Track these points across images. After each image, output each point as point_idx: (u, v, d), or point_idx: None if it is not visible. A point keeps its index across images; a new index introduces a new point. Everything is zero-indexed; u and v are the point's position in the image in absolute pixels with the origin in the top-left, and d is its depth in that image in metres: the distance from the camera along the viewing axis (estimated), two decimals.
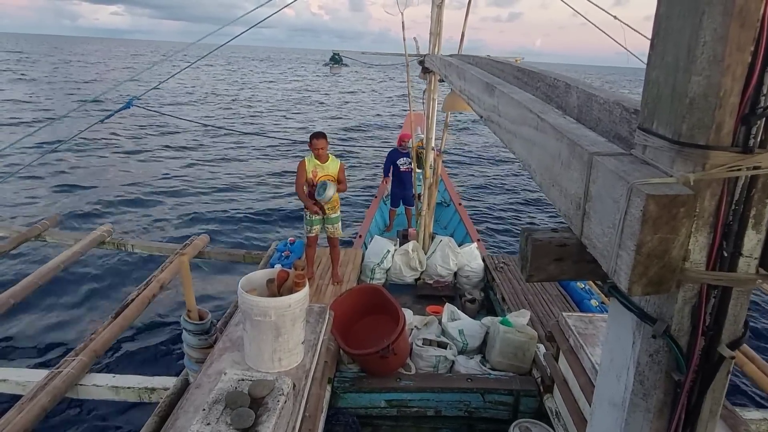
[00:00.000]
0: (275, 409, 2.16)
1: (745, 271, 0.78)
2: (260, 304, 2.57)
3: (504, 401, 3.49)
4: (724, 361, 0.83)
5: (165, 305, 5.95)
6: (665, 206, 0.68)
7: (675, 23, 0.76)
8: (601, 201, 0.84)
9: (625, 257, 0.73)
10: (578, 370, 2.86)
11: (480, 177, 14.43)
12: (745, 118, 0.72)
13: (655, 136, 0.81)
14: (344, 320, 3.76)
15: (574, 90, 1.34)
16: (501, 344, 3.70)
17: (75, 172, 12.67)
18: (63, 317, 5.92)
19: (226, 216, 10.15)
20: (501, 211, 11.34)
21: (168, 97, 27.89)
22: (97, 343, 3.65)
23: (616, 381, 0.95)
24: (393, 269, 5.46)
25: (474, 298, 5.14)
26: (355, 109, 28.05)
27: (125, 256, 7.15)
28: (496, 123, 1.69)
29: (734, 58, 0.69)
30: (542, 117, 1.17)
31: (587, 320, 3.15)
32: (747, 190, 0.75)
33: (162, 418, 2.76)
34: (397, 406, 3.52)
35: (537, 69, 1.79)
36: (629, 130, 1.00)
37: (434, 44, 5.15)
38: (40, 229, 5.73)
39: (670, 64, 0.77)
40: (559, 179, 1.05)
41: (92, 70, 45.34)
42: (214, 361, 2.77)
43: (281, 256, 5.34)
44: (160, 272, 4.83)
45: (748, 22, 0.67)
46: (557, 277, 0.99)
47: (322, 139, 4.78)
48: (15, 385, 3.41)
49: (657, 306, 0.83)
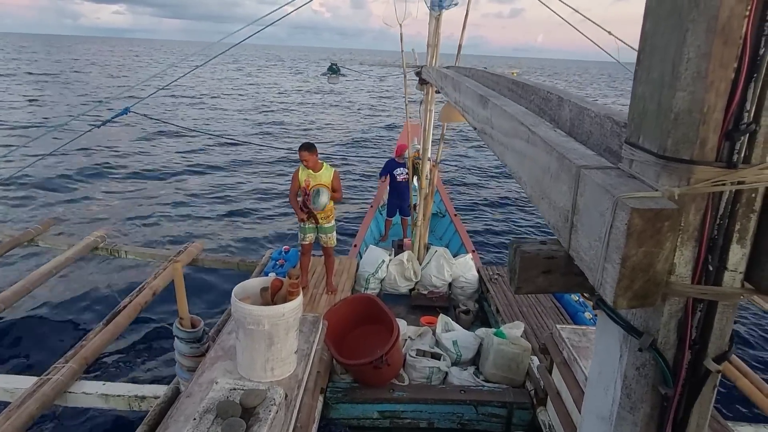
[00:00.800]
0: (267, 419, 2.14)
1: (731, 285, 0.79)
2: (254, 313, 2.56)
3: (497, 414, 3.48)
4: (710, 375, 0.83)
5: (157, 312, 5.90)
6: (650, 220, 0.68)
7: (660, 40, 0.77)
8: (588, 214, 0.84)
9: (610, 270, 0.74)
10: (572, 382, 2.85)
11: (476, 188, 14.47)
12: (728, 133, 0.73)
13: (641, 150, 0.82)
14: (338, 330, 3.74)
15: (567, 103, 1.36)
16: (495, 356, 3.69)
17: (70, 177, 12.64)
18: (53, 323, 5.86)
19: (221, 223, 10.12)
20: (496, 223, 11.35)
21: (186, 101, 27.99)
22: (87, 350, 3.61)
23: (603, 394, 0.95)
24: (388, 279, 5.45)
25: (468, 309, 5.14)
26: (353, 116, 28.16)
27: (118, 263, 7.10)
28: (489, 135, 1.70)
29: (718, 74, 0.70)
30: (533, 130, 1.18)
31: (581, 333, 3.15)
32: (731, 204, 0.76)
33: (152, 427, 2.73)
34: (389, 418, 3.49)
35: (531, 82, 1.81)
36: (619, 144, 1.01)
37: (431, 56, 5.19)
38: (33, 233, 5.70)
39: (655, 79, 0.78)
40: (548, 192, 1.06)
41: (106, 72, 45.11)
42: (206, 370, 2.75)
43: (275, 265, 5.32)
44: (153, 279, 4.81)
45: (731, 39, 0.69)
46: (546, 289, 1.00)
47: (305, 151, 4.77)
48: (3, 391, 3.37)
49: (643, 319, 0.83)
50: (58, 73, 41.28)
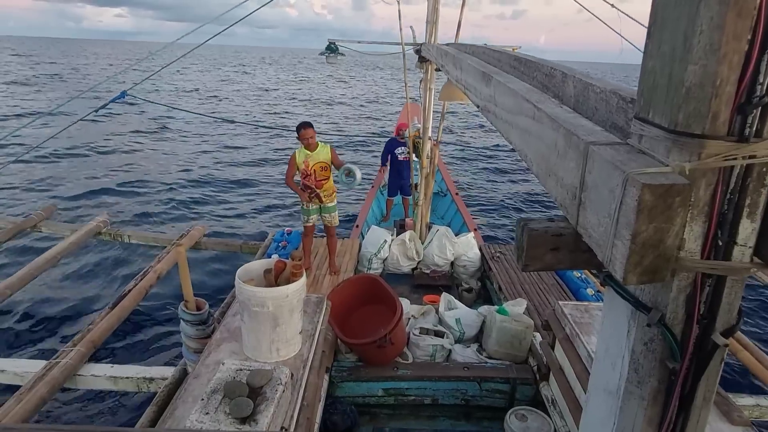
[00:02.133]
0: (273, 398, 2.17)
1: (740, 259, 0.79)
2: (258, 295, 2.57)
3: (500, 389, 3.53)
4: (717, 349, 0.83)
5: (162, 296, 5.95)
6: (660, 196, 0.68)
7: (672, 12, 0.75)
8: (596, 190, 0.84)
9: (620, 247, 0.73)
10: (574, 358, 2.88)
11: (477, 166, 14.41)
12: (741, 107, 0.71)
13: (651, 125, 0.81)
14: (341, 310, 3.77)
15: (571, 79, 1.33)
16: (498, 333, 3.73)
17: (71, 163, 12.60)
18: (60, 308, 5.92)
19: (224, 206, 10.13)
20: (498, 201, 11.35)
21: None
22: (94, 333, 3.65)
23: (611, 369, 0.96)
24: (390, 259, 5.47)
25: (471, 287, 5.16)
26: (354, 98, 27.87)
27: (122, 247, 7.13)
28: (492, 113, 1.68)
29: (731, 47, 0.68)
30: (539, 106, 1.17)
31: (583, 309, 3.17)
32: (742, 179, 0.75)
33: (161, 407, 2.78)
34: (394, 395, 3.55)
35: (534, 58, 1.78)
36: (626, 120, 1.00)
37: (430, 33, 5.12)
38: (36, 219, 5.71)
39: (666, 53, 0.76)
40: (555, 169, 1.05)
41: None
42: (212, 351, 2.78)
43: (278, 247, 5.34)
44: (157, 263, 4.83)
45: (744, 10, 0.67)
46: (553, 266, 0.99)
47: (310, 128, 4.80)
48: (13, 375, 3.42)
49: (652, 295, 0.83)
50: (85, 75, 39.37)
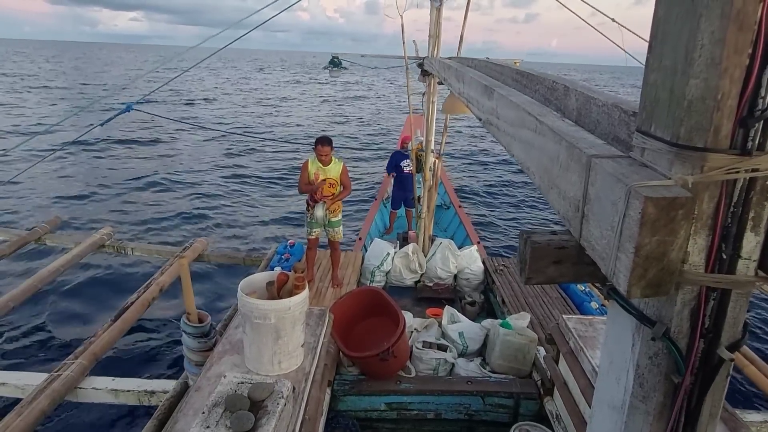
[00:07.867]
0: (275, 412, 2.16)
1: (744, 273, 0.78)
2: (260, 307, 2.57)
3: (504, 404, 3.49)
4: (723, 363, 0.82)
5: (165, 308, 5.94)
6: (664, 208, 0.68)
7: (673, 26, 0.76)
8: (599, 203, 0.84)
9: (623, 259, 0.73)
10: (578, 372, 2.86)
11: (480, 179, 14.43)
12: (743, 120, 0.72)
13: (654, 138, 0.81)
14: (344, 323, 3.75)
15: (573, 92, 1.34)
16: (501, 347, 3.70)
17: (76, 176, 12.68)
18: (62, 320, 5.91)
19: (227, 218, 10.15)
20: (502, 214, 11.34)
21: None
22: (96, 346, 3.64)
23: (615, 383, 0.95)
24: (393, 272, 5.45)
25: (474, 300, 5.14)
26: (360, 111, 28.03)
27: (125, 260, 7.14)
28: (495, 126, 1.69)
29: (732, 60, 0.69)
30: (541, 119, 1.17)
31: (587, 323, 3.15)
32: (745, 192, 0.75)
33: (161, 421, 2.75)
34: (396, 409, 3.51)
35: (536, 72, 1.79)
36: (628, 133, 1.00)
37: (433, 47, 5.16)
38: (40, 232, 5.73)
39: (668, 67, 0.77)
40: (557, 182, 1.05)
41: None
42: (214, 364, 2.77)
43: (281, 259, 5.33)
44: (159, 275, 4.83)
45: (745, 24, 0.67)
46: (556, 279, 0.99)
47: (327, 146, 4.77)
48: (14, 388, 3.40)
49: (656, 308, 0.83)
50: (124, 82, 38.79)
